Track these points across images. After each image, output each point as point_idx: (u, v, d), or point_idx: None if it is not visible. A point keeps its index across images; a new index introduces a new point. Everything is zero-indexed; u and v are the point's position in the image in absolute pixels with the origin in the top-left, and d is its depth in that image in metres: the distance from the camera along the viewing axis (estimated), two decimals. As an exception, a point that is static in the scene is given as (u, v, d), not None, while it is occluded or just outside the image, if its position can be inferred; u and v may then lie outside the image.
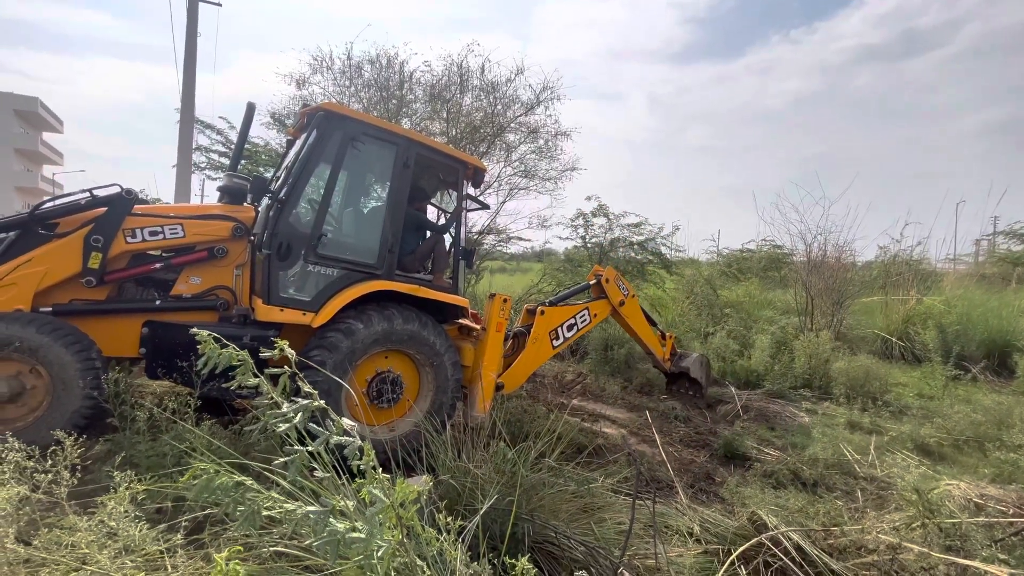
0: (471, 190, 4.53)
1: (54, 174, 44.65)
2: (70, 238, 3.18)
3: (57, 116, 45.42)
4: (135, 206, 3.42)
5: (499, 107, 11.72)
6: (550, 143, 12.40)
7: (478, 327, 4.33)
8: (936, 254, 14.58)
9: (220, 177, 11.43)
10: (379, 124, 3.88)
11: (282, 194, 3.46)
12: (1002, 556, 2.44)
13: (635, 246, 11.27)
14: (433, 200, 5.15)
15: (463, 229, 4.49)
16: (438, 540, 1.49)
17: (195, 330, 1.37)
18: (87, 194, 3.35)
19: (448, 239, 4.55)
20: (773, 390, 7.41)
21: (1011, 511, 3.42)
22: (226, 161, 11.41)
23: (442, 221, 5.22)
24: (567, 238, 12.00)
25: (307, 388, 1.22)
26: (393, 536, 1.07)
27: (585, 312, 5.24)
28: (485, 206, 5.26)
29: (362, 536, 0.99)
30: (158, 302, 3.40)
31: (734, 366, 8.13)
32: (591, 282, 5.63)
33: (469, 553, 1.55)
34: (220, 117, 13.02)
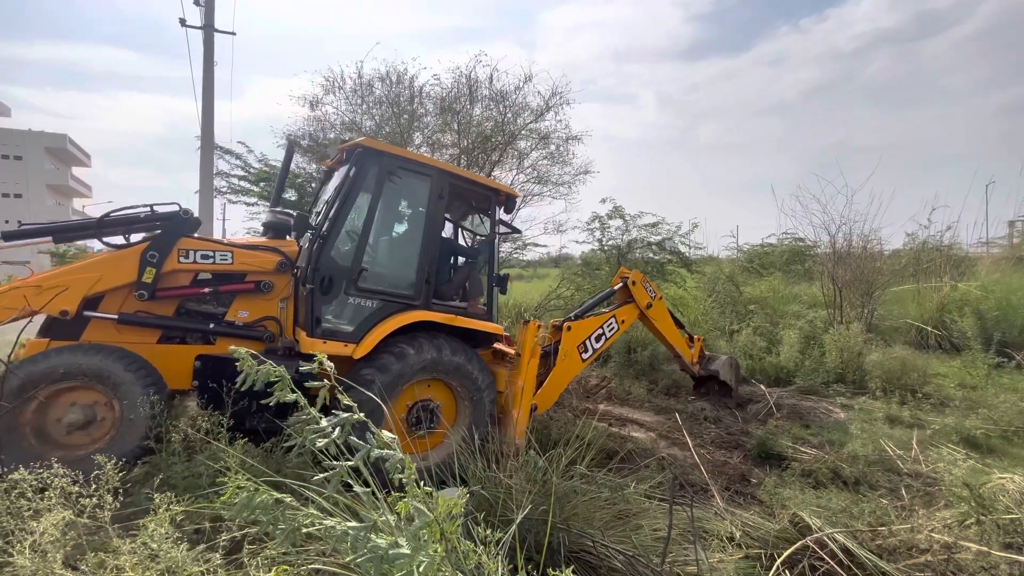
0: (503, 216, 4.62)
1: (84, 207, 46.43)
2: (128, 251, 3.32)
3: (84, 151, 47.30)
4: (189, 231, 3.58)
5: (509, 115, 11.77)
6: (561, 148, 12.39)
7: (512, 351, 4.37)
8: (967, 238, 14.02)
9: (240, 201, 11.73)
10: (414, 157, 4.00)
11: (323, 229, 3.56)
12: (1068, 553, 2.30)
13: (653, 246, 11.14)
14: (464, 224, 5.16)
15: (496, 255, 4.54)
16: (476, 553, 1.47)
17: (233, 347, 1.38)
18: (148, 208, 3.50)
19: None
20: (805, 386, 7.20)
21: (1073, 504, 3.24)
22: (246, 184, 11.69)
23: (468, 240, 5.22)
24: (583, 242, 11.93)
25: (347, 402, 1.21)
26: (437, 550, 1.05)
27: (612, 320, 5.17)
28: (517, 231, 5.33)
29: (407, 551, 0.98)
30: (212, 325, 3.52)
31: (762, 363, 7.93)
32: (617, 286, 5.56)
33: (511, 566, 1.52)
34: (239, 142, 13.38)
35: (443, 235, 4.23)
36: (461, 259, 4.75)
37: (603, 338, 5.05)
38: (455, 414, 3.97)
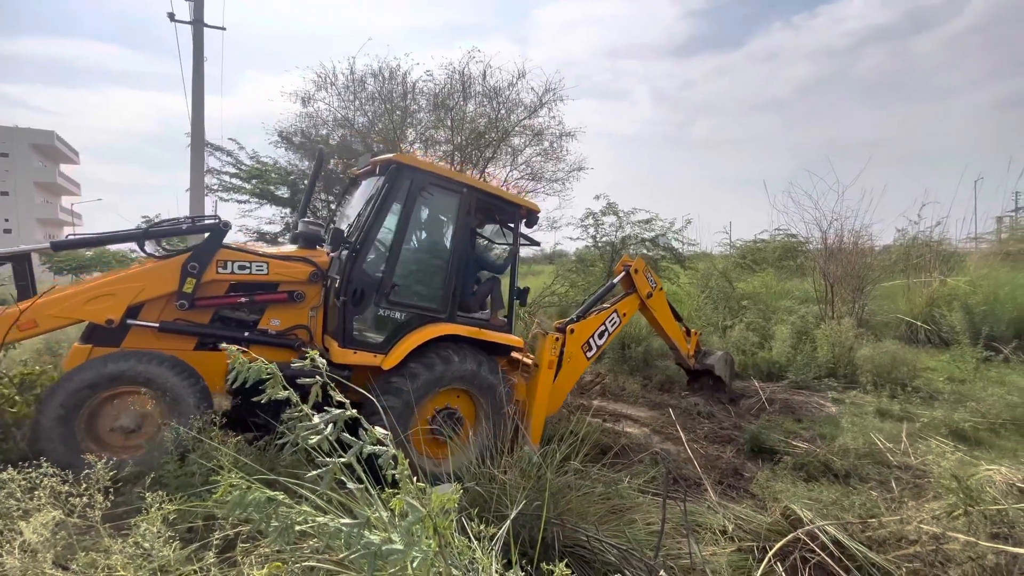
0: (524, 229, 4.68)
1: (72, 204, 45.82)
2: (170, 261, 3.42)
3: (73, 148, 46.66)
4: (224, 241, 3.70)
5: (502, 112, 11.74)
6: (555, 144, 12.38)
7: (529, 361, 4.48)
8: (956, 234, 14.19)
9: (231, 199, 11.62)
10: (445, 173, 4.10)
11: (356, 243, 3.66)
12: (1053, 542, 2.34)
13: (647, 243, 11.18)
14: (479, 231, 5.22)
15: (516, 268, 4.68)
16: (470, 548, 1.47)
17: (225, 345, 1.37)
18: (189, 221, 3.68)
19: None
20: (797, 381, 7.27)
21: (1058, 495, 3.29)
22: (237, 182, 11.59)
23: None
24: (577, 238, 11.94)
25: (339, 398, 1.21)
26: (430, 546, 1.06)
27: (614, 314, 5.20)
28: (536, 243, 5.45)
29: (400, 547, 0.98)
30: (246, 333, 3.61)
31: (755, 358, 8.00)
32: (619, 275, 5.58)
33: (504, 561, 1.53)
34: (229, 139, 13.23)
35: (471, 250, 4.41)
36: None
37: (606, 334, 5.09)
38: (475, 421, 4.09)
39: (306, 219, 4.23)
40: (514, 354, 4.56)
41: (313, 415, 1.26)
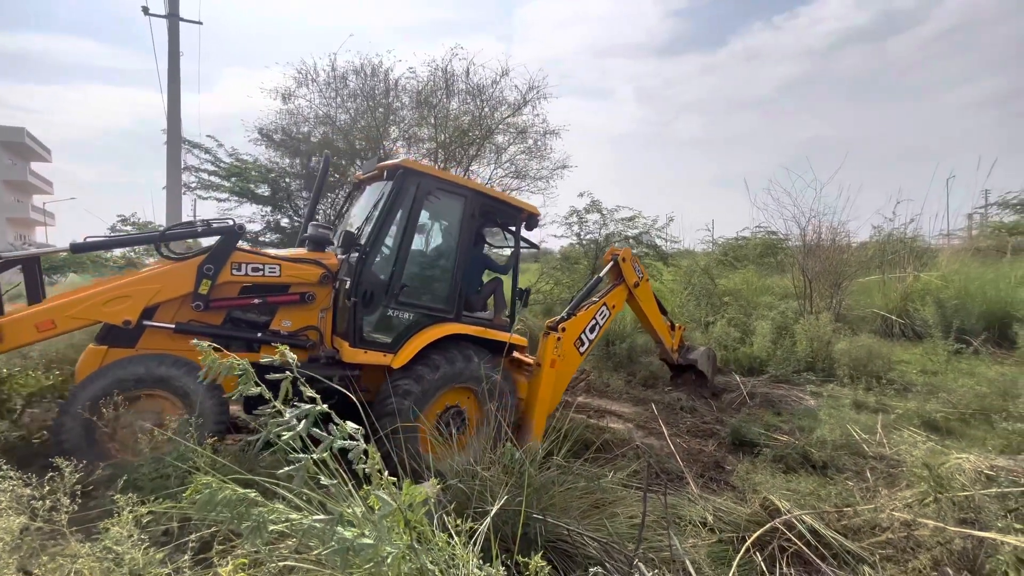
0: (525, 232, 4.82)
1: (44, 203, 44.42)
2: (187, 263, 3.44)
3: (44, 145, 45.21)
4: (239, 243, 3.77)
5: (486, 110, 11.72)
6: (539, 142, 12.41)
7: (531, 361, 4.59)
8: (930, 230, 14.63)
9: (210, 196, 11.40)
10: (450, 178, 4.22)
11: (366, 245, 3.75)
12: (1018, 526, 2.42)
13: (630, 240, 11.27)
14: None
15: (518, 269, 4.84)
16: (449, 544, 1.46)
17: (195, 341, 1.35)
18: (204, 223, 3.70)
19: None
20: (777, 375, 7.40)
21: (1023, 480, 3.41)
22: (216, 180, 11.37)
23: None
24: (562, 236, 11.98)
25: (310, 393, 1.19)
26: (402, 540, 1.05)
27: (604, 307, 5.28)
28: (535, 246, 5.58)
29: (370, 542, 0.97)
30: (259, 334, 3.66)
31: (736, 354, 8.11)
32: (607, 264, 5.66)
33: (481, 556, 1.52)
34: (208, 136, 12.95)
35: (475, 252, 4.54)
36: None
37: (597, 328, 5.17)
38: (480, 419, 4.18)
39: (315, 222, 4.37)
40: (517, 354, 4.68)
41: (286, 411, 1.24)
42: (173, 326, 3.40)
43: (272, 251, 4.00)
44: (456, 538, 1.45)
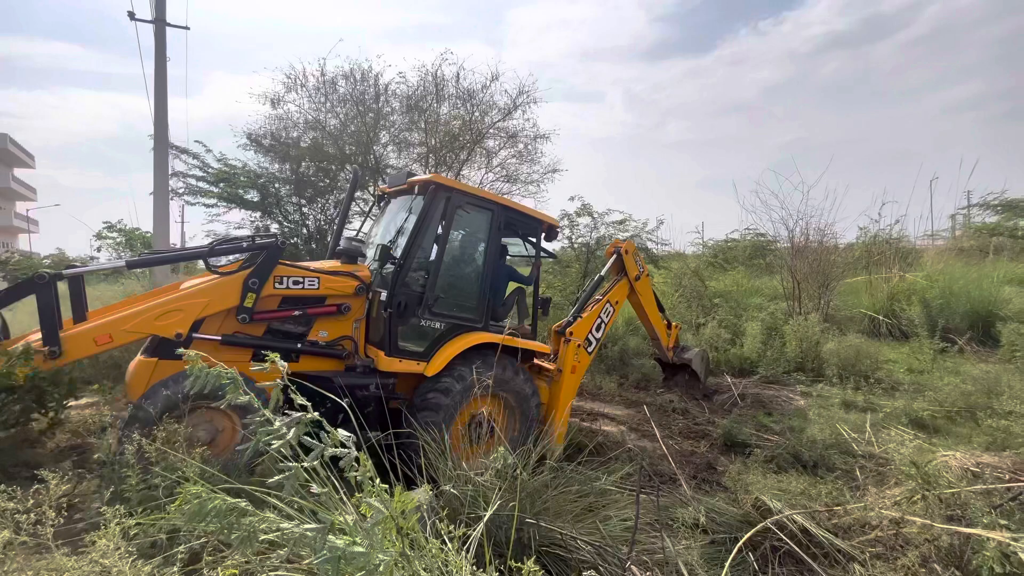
0: (544, 243, 5.00)
1: (28, 210, 43.71)
2: (233, 277, 3.55)
3: (27, 151, 44.51)
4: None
5: (476, 114, 11.74)
6: (530, 147, 12.45)
7: (552, 367, 4.75)
8: (914, 231, 14.88)
9: (198, 202, 11.29)
10: (478, 193, 4.39)
11: (400, 258, 3.89)
12: (1003, 521, 2.46)
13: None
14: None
15: (539, 278, 5.01)
16: (442, 550, 1.46)
17: (181, 350, 1.34)
18: (248, 239, 3.89)
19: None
20: (767, 376, 7.46)
21: (1007, 477, 3.47)
22: (204, 185, 11.26)
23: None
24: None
25: (300, 400, 1.19)
26: (394, 547, 1.04)
27: (608, 305, 5.40)
28: (553, 256, 5.76)
29: (362, 550, 0.97)
30: (300, 344, 3.79)
31: (727, 355, 8.18)
32: (610, 258, 5.77)
33: (474, 561, 1.52)
34: (196, 141, 12.83)
35: (501, 263, 4.68)
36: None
37: (602, 326, 5.28)
38: (506, 424, 4.32)
39: (349, 237, 4.50)
40: (538, 361, 4.81)
41: (275, 419, 1.23)
42: (220, 338, 3.52)
43: (309, 264, 4.12)
44: (449, 544, 1.45)
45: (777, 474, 4.04)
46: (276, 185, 11.46)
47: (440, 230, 4.08)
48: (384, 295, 3.89)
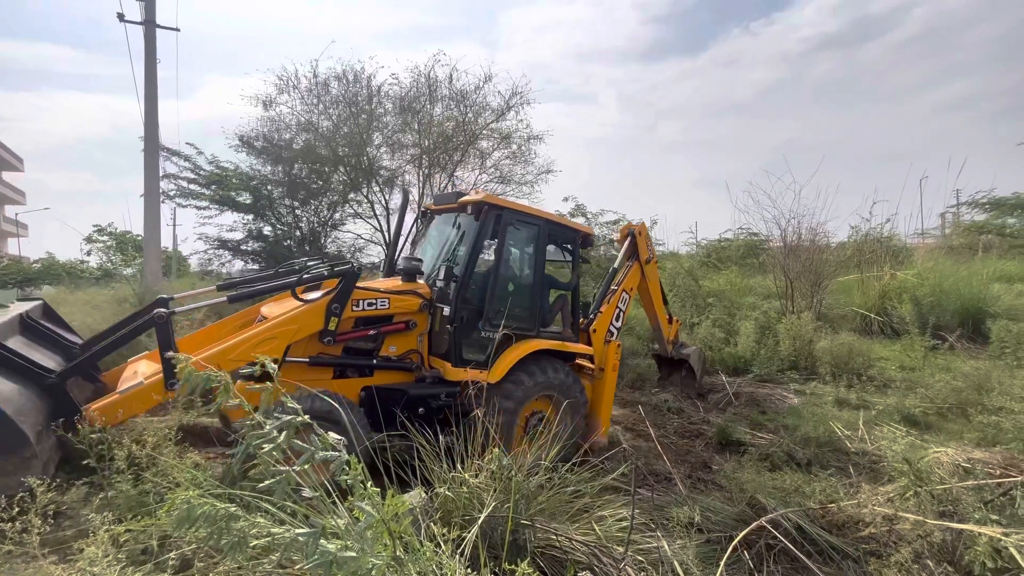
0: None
1: (17, 214, 43.18)
2: (318, 304, 3.77)
3: (16, 154, 43.99)
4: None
5: (470, 115, 11.74)
6: (523, 147, 12.46)
7: (593, 366, 5.05)
8: (905, 230, 15.04)
9: (190, 204, 11.21)
10: (526, 210, 4.71)
11: (462, 275, 4.18)
12: (994, 517, 2.48)
13: (615, 243, 11.35)
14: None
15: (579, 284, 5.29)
16: (436, 553, 1.45)
17: (170, 353, 1.32)
18: (328, 267, 4.18)
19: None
20: (761, 374, 7.50)
21: (998, 472, 3.50)
22: (196, 188, 11.18)
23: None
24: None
25: (291, 404, 1.17)
26: (386, 551, 1.03)
27: (623, 294, 5.65)
28: (587, 261, 6.01)
29: (354, 554, 0.95)
30: (375, 360, 4.07)
31: (721, 354, 8.21)
32: (625, 239, 5.97)
33: (469, 564, 1.51)
34: (187, 143, 12.69)
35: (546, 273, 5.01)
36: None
37: (620, 316, 5.53)
38: (558, 422, 4.55)
39: (408, 257, 4.73)
40: (580, 361, 5.02)
41: (266, 423, 1.22)
42: (308, 360, 3.81)
43: (375, 284, 4.37)
44: (443, 547, 1.44)
45: (771, 472, 4.06)
46: (269, 187, 11.41)
47: (494, 246, 4.39)
48: (447, 310, 4.16)
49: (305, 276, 4.05)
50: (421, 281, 4.48)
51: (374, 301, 4.03)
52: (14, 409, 2.62)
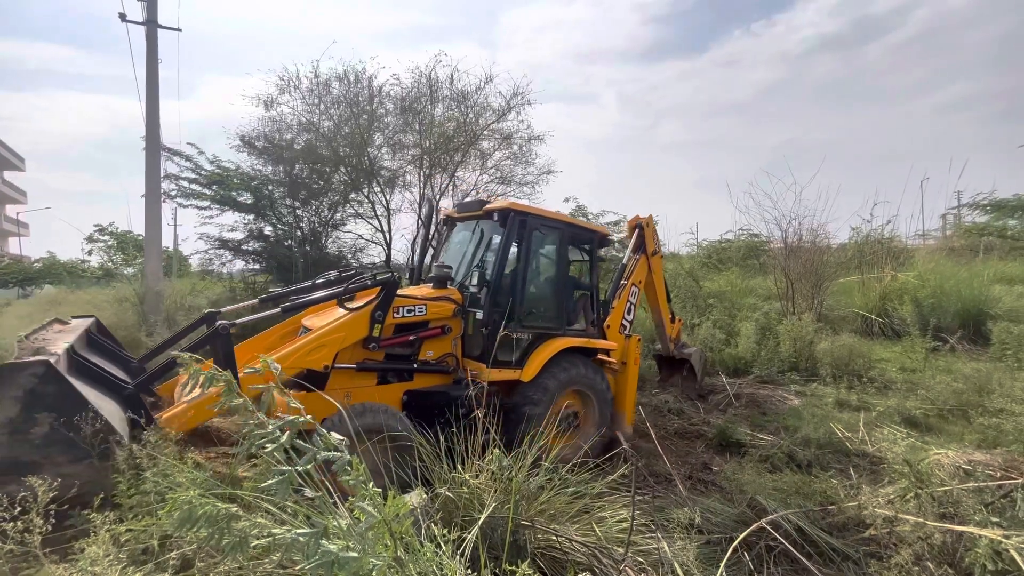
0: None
1: (18, 213, 43.23)
2: (362, 312, 3.91)
3: (17, 154, 44.06)
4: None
5: (471, 116, 11.74)
6: (524, 148, 12.45)
7: (614, 361, 5.23)
8: (906, 231, 15.06)
9: (191, 204, 11.21)
10: (550, 215, 4.83)
11: (493, 281, 4.35)
12: (994, 519, 2.48)
13: (616, 244, 11.35)
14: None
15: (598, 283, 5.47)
16: (436, 554, 1.45)
17: (176, 353, 1.33)
18: (372, 276, 4.24)
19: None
20: (762, 376, 7.49)
21: (999, 474, 3.50)
22: (197, 188, 11.19)
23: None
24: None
25: (295, 404, 1.18)
26: (388, 552, 1.03)
27: (633, 287, 5.79)
28: (603, 259, 6.25)
29: (355, 555, 0.96)
30: (416, 365, 4.24)
31: (722, 355, 8.20)
32: (633, 231, 6.06)
33: (469, 565, 1.51)
34: (188, 143, 12.69)
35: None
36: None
37: (632, 308, 5.68)
38: (587, 414, 4.87)
39: (440, 264, 4.89)
40: (602, 356, 5.14)
41: (269, 423, 1.22)
42: (355, 366, 3.96)
43: (410, 292, 4.50)
44: (444, 547, 1.44)
45: (772, 474, 4.06)
46: (270, 187, 11.40)
47: (521, 251, 4.54)
48: (479, 314, 4.33)
49: (351, 286, 4.13)
50: (452, 287, 4.66)
51: (412, 308, 4.20)
52: (108, 414, 2.69)
